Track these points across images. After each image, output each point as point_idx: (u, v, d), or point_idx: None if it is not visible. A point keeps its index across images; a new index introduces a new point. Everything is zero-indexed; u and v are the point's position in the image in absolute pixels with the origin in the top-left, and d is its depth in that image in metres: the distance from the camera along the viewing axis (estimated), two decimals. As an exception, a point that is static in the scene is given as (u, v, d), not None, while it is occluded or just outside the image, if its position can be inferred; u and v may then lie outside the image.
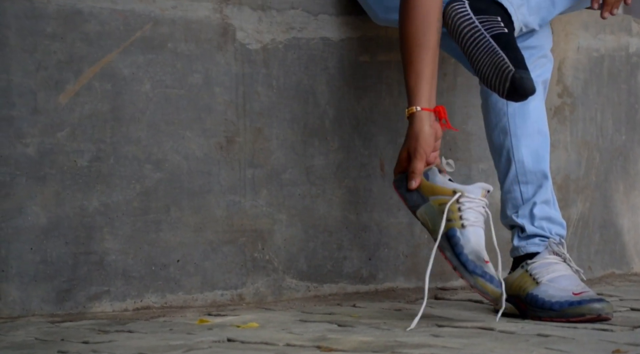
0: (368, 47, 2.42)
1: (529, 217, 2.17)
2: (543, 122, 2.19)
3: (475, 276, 1.99)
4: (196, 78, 2.23)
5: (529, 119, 2.17)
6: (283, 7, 2.33)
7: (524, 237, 2.17)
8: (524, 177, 2.17)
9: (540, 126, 2.19)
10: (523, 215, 2.18)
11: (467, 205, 2.01)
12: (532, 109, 2.17)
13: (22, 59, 2.05)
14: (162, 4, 2.19)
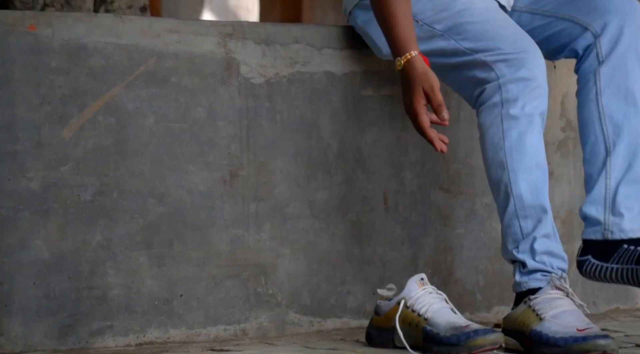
0: (371, 81, 2.42)
1: (529, 252, 2.16)
2: (541, 155, 2.18)
3: (466, 342, 1.99)
4: (200, 112, 2.22)
5: (526, 153, 2.16)
6: (287, 42, 2.33)
7: (525, 272, 2.16)
8: (523, 211, 2.16)
9: (539, 159, 2.18)
10: (524, 250, 2.17)
11: (417, 301, 2.08)
12: (529, 142, 2.16)
13: (26, 93, 2.05)
14: (166, 38, 2.19)
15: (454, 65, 2.21)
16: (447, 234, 2.47)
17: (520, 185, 2.15)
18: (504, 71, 2.14)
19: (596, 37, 2.23)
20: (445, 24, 2.18)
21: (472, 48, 2.17)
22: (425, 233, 2.45)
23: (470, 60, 2.18)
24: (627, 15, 2.22)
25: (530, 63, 2.15)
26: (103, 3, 2.62)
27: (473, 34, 2.18)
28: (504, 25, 2.19)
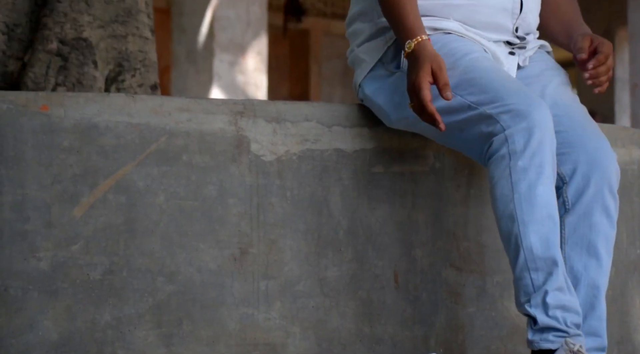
0: (381, 159, 2.42)
1: (541, 306, 2.10)
2: (553, 206, 2.13)
3: None
4: (210, 190, 2.22)
5: (537, 204, 2.11)
6: (297, 119, 2.34)
7: (537, 330, 2.10)
8: (534, 263, 2.11)
9: (550, 211, 2.12)
10: (535, 304, 2.10)
11: None
12: (539, 194, 2.11)
13: (37, 173, 2.05)
14: (177, 117, 2.20)
15: (460, 123, 2.20)
16: (458, 313, 2.45)
17: (530, 237, 2.10)
18: (509, 122, 2.12)
19: (564, 182, 2.21)
20: (451, 81, 2.19)
21: (477, 101, 2.16)
22: (436, 312, 2.43)
23: (476, 115, 2.17)
24: (595, 163, 2.19)
25: (535, 114, 2.12)
26: (114, 82, 2.64)
27: (478, 88, 2.18)
28: (508, 79, 2.19)
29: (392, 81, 2.32)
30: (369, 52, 2.37)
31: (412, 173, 2.42)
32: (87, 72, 2.55)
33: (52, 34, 2.53)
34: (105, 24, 2.62)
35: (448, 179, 2.44)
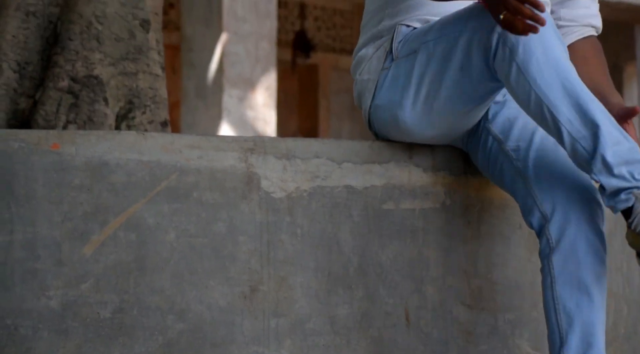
0: (392, 195, 2.42)
1: (605, 170, 2.06)
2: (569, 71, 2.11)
3: None
4: (220, 227, 2.22)
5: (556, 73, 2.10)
6: (307, 156, 2.34)
7: (609, 195, 2.07)
8: (579, 133, 2.07)
9: (567, 76, 2.09)
10: (598, 170, 2.06)
11: None
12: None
13: (48, 211, 2.06)
14: (188, 154, 2.21)
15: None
16: (469, 351, 2.44)
17: (564, 112, 2.07)
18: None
19: (546, 220, 2.18)
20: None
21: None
22: (447, 350, 2.41)
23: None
24: (574, 199, 2.17)
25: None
26: (125, 119, 2.65)
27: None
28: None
29: (391, 74, 2.33)
30: (370, 71, 2.39)
31: (423, 209, 2.41)
32: (98, 109, 2.56)
33: (64, 71, 2.54)
34: (116, 62, 2.63)
35: (458, 216, 2.44)
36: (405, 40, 2.32)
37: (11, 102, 2.52)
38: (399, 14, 2.38)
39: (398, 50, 2.32)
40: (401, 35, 2.33)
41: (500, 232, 2.34)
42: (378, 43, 2.39)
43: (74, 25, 2.57)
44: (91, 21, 2.59)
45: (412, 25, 2.35)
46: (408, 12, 2.37)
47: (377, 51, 2.38)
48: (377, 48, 2.39)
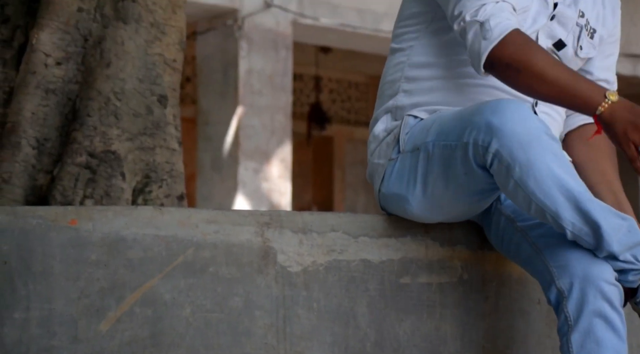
0: (409, 269, 2.41)
1: (611, 258, 2.12)
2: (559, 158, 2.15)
3: None
4: (236, 302, 2.21)
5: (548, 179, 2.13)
6: (324, 230, 2.34)
7: (619, 274, 2.13)
8: (580, 232, 2.12)
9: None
10: (605, 257, 2.13)
11: None
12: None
13: (65, 287, 2.05)
14: (205, 228, 2.21)
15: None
16: None
17: (565, 215, 2.12)
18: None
19: (563, 297, 2.17)
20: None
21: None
22: None
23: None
24: (591, 277, 2.17)
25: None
26: (141, 193, 2.66)
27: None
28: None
29: (397, 166, 2.34)
30: (381, 156, 2.40)
31: (440, 284, 2.40)
32: (115, 184, 2.57)
33: (82, 147, 2.57)
34: (133, 137, 2.66)
35: (476, 290, 2.42)
36: (411, 134, 2.34)
37: (29, 178, 2.54)
38: (413, 94, 2.39)
39: (404, 142, 2.34)
40: (408, 127, 2.35)
41: (519, 307, 2.33)
42: (390, 125, 2.40)
43: (92, 102, 2.60)
44: (110, 97, 2.62)
45: (419, 116, 2.37)
46: (420, 94, 2.38)
47: (388, 136, 2.40)
48: (389, 132, 2.40)
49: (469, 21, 2.23)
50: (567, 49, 2.41)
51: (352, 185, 11.76)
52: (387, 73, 2.47)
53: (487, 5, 2.23)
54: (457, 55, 2.35)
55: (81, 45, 2.64)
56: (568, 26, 2.40)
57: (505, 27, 2.20)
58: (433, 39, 2.38)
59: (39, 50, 2.60)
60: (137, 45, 2.69)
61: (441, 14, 2.36)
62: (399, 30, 2.44)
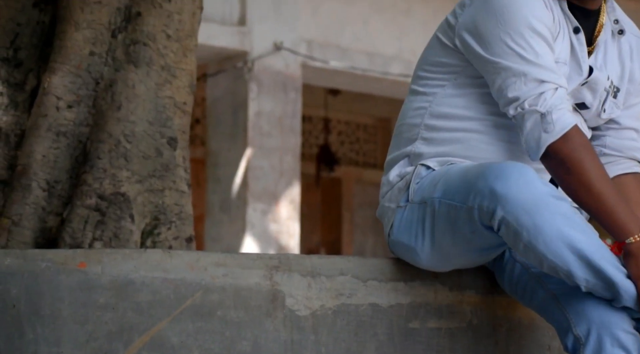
0: (418, 314, 2.40)
1: (629, 309, 2.12)
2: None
3: None
4: (244, 346, 2.20)
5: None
6: (332, 274, 2.33)
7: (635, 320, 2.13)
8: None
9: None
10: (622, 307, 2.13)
11: None
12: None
13: (73, 330, 2.05)
14: (213, 272, 2.21)
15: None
16: None
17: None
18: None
19: (580, 344, 2.17)
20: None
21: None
22: None
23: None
24: (605, 322, 2.16)
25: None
26: (150, 235, 2.67)
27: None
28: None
29: (406, 215, 2.34)
30: (391, 200, 2.40)
31: (449, 329, 2.39)
32: (124, 226, 2.58)
33: (91, 189, 2.57)
34: (143, 179, 2.66)
35: (486, 336, 2.41)
36: (421, 184, 2.34)
37: (39, 221, 2.54)
38: (431, 144, 2.38)
39: (414, 192, 2.34)
40: (419, 177, 2.35)
41: (530, 353, 2.31)
42: (404, 171, 2.40)
43: (103, 144, 2.61)
44: (120, 140, 2.63)
45: (431, 167, 2.37)
46: (439, 145, 2.37)
47: (400, 181, 2.39)
48: (402, 177, 2.39)
49: (528, 110, 2.22)
50: (590, 111, 2.41)
51: (361, 227, 11.75)
52: (406, 114, 2.44)
53: (546, 93, 2.22)
54: (480, 113, 2.34)
55: (92, 88, 2.66)
56: (597, 92, 2.39)
57: (566, 123, 2.20)
58: (458, 90, 2.36)
59: (50, 93, 2.61)
60: (147, 88, 2.70)
61: (471, 71, 2.34)
62: (423, 73, 2.42)
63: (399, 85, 8.47)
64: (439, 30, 2.40)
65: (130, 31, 2.72)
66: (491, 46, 2.26)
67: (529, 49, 2.23)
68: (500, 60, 2.25)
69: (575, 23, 2.34)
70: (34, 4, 2.74)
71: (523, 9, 2.24)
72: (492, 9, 2.26)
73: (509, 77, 2.24)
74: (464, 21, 2.32)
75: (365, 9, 8.33)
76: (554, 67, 2.25)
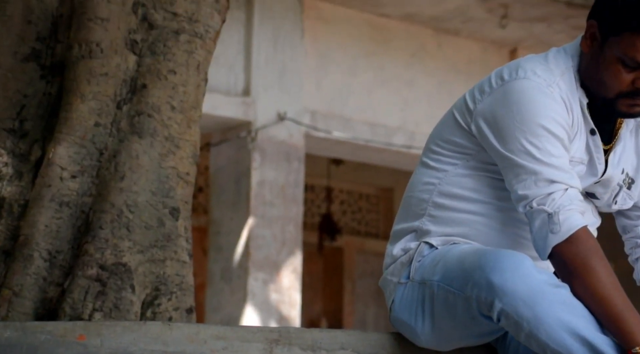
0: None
1: None
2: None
3: None
4: None
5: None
6: (333, 348, 2.32)
7: None
8: None
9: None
10: None
11: None
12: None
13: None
14: (213, 344, 2.20)
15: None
16: None
17: None
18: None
19: None
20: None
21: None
22: None
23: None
24: None
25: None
26: (150, 306, 2.66)
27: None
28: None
29: (407, 293, 2.33)
30: (394, 274, 2.40)
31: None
32: (125, 296, 2.57)
33: (93, 260, 2.57)
34: (144, 249, 2.66)
35: (486, 412, 2.39)
36: (422, 263, 2.34)
37: (40, 291, 2.53)
38: (438, 222, 2.38)
39: (415, 270, 2.34)
40: (421, 255, 2.35)
41: None
42: (408, 245, 2.40)
43: (105, 214, 2.61)
44: (122, 210, 2.63)
45: (435, 245, 2.36)
46: (446, 225, 2.37)
47: (404, 256, 2.39)
48: (406, 251, 2.40)
49: (536, 208, 2.22)
50: (601, 201, 2.42)
51: (362, 297, 11.69)
52: (416, 187, 2.44)
53: (555, 194, 2.22)
54: (490, 197, 2.34)
55: (96, 159, 2.68)
56: (609, 187, 2.40)
57: (573, 225, 2.20)
58: (469, 171, 2.36)
59: (55, 164, 2.63)
60: (151, 158, 2.71)
61: (483, 156, 2.34)
62: (436, 148, 2.41)
63: (402, 156, 8.50)
64: (456, 108, 2.39)
65: (135, 102, 2.74)
66: (506, 141, 2.26)
67: (543, 149, 2.23)
68: (513, 156, 2.25)
69: (592, 125, 2.33)
70: (41, 76, 2.77)
71: (541, 109, 2.24)
72: (510, 104, 2.26)
73: (520, 174, 2.24)
74: (482, 109, 2.31)
75: (369, 80, 8.40)
76: (567, 168, 2.24)
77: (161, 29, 2.78)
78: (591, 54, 2.30)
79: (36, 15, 2.78)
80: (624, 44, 2.24)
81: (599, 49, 2.29)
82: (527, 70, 2.28)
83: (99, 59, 2.70)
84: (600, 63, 2.28)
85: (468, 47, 8.82)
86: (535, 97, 2.24)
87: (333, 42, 8.24)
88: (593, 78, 2.30)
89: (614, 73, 2.27)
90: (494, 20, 8.34)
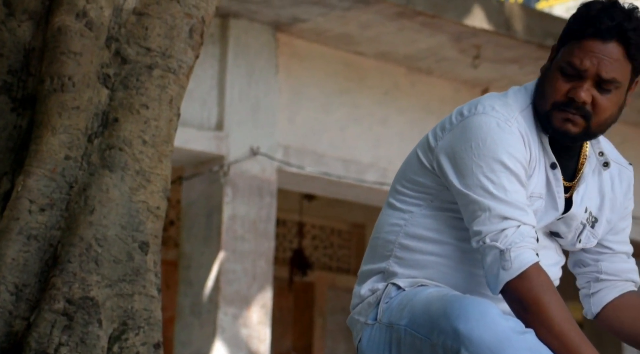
0: None
1: None
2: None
3: None
4: None
5: None
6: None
7: None
8: None
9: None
10: None
11: None
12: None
13: None
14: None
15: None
16: None
17: None
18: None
19: None
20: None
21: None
22: None
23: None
24: None
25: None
26: (117, 340, 2.64)
27: None
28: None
29: (374, 335, 2.33)
30: (361, 314, 2.40)
31: None
32: (92, 331, 2.56)
33: (60, 293, 2.56)
34: (112, 283, 2.66)
35: None
36: (390, 305, 2.34)
37: (5, 324, 2.52)
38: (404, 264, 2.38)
39: (382, 312, 2.34)
40: (388, 297, 2.35)
41: None
42: (376, 286, 2.40)
43: (74, 248, 2.61)
44: (91, 244, 2.63)
45: (402, 287, 2.36)
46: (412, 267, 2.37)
47: (371, 296, 2.39)
48: (373, 292, 2.40)
49: (489, 244, 2.23)
50: (565, 240, 2.43)
51: (333, 333, 11.67)
52: (382, 228, 2.44)
53: (507, 230, 2.23)
54: (454, 238, 2.35)
55: (66, 192, 2.67)
56: (572, 226, 2.41)
57: (525, 262, 2.20)
58: (432, 212, 2.37)
59: (24, 197, 2.62)
60: (121, 192, 2.71)
61: (446, 196, 2.35)
62: (401, 189, 2.42)
63: (374, 193, 8.52)
64: (419, 147, 2.41)
65: (106, 136, 2.74)
66: (464, 176, 2.27)
67: (498, 184, 2.24)
68: (470, 192, 2.26)
69: (553, 159, 2.35)
70: (12, 109, 2.77)
71: (498, 145, 2.25)
72: (469, 139, 2.27)
73: (475, 210, 2.25)
74: (442, 145, 2.33)
75: (343, 116, 8.43)
76: (522, 204, 2.25)
77: (134, 64, 2.79)
78: (543, 73, 2.33)
79: (8, 48, 2.79)
80: (566, 52, 2.28)
81: (550, 64, 2.32)
82: (485, 105, 2.29)
83: (70, 92, 2.70)
84: (545, 77, 2.31)
85: (441, 86, 8.89)
86: (493, 131, 2.26)
87: (307, 79, 8.28)
88: (538, 94, 2.32)
89: (552, 82, 2.29)
90: (466, 60, 8.41)
